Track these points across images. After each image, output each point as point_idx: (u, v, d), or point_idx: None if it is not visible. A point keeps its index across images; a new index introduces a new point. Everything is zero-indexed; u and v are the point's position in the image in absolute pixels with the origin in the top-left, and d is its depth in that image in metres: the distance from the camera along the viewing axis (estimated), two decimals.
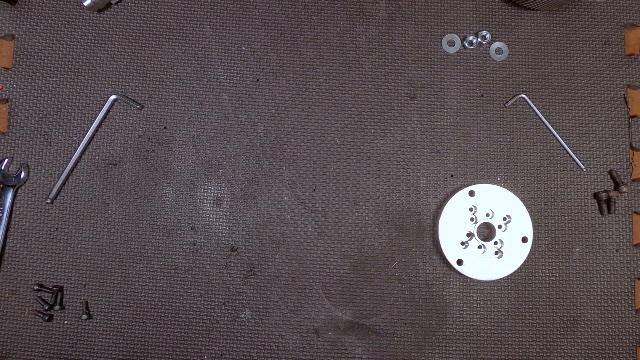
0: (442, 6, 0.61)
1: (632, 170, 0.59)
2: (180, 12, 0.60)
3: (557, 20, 0.61)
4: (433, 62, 0.60)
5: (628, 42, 0.61)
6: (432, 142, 0.59)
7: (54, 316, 0.56)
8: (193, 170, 0.58)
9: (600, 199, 0.58)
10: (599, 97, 0.60)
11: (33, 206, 0.57)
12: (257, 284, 0.57)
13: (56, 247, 0.57)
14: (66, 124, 0.58)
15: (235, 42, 0.60)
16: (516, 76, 0.60)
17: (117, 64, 0.59)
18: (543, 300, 0.58)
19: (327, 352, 0.56)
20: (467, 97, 0.60)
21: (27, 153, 0.58)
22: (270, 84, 0.59)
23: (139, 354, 0.56)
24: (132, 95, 0.59)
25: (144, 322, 0.57)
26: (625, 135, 0.60)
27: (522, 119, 0.60)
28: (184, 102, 0.59)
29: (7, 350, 0.56)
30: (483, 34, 0.60)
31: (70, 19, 0.59)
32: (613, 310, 0.58)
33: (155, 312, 0.57)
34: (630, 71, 0.60)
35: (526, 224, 0.57)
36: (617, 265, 0.58)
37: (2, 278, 0.57)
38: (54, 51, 0.59)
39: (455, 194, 0.57)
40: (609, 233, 0.59)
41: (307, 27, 0.60)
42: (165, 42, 0.59)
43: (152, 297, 0.57)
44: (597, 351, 0.57)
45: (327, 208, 0.58)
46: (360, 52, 0.60)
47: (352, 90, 0.60)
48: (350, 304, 0.57)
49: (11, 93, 0.58)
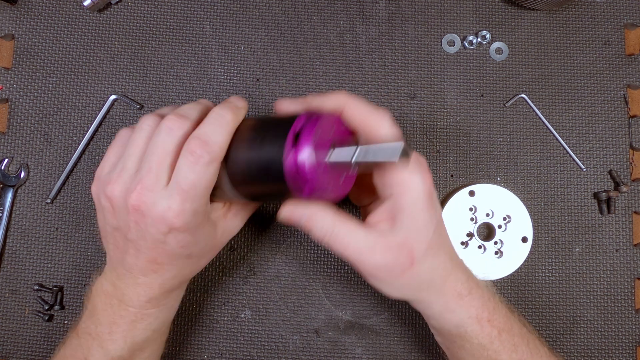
0: (442, 6, 0.61)
1: (632, 170, 0.59)
2: (180, 12, 0.60)
3: (557, 20, 0.61)
4: (433, 62, 0.60)
5: (628, 42, 0.61)
6: (432, 142, 0.59)
7: (54, 316, 0.56)
8: None
9: (600, 199, 0.58)
10: (599, 97, 0.60)
11: (33, 206, 0.57)
12: (257, 284, 0.57)
13: (56, 247, 0.57)
14: (66, 124, 0.58)
15: (235, 42, 0.60)
16: (516, 76, 0.60)
17: (117, 64, 0.59)
18: (543, 300, 0.58)
19: (327, 352, 0.57)
20: (467, 97, 0.60)
21: (27, 153, 0.58)
22: (270, 84, 0.59)
23: None
24: (132, 95, 0.59)
25: None
26: (625, 135, 0.60)
27: (522, 119, 0.60)
28: (184, 102, 0.59)
29: (7, 350, 0.56)
30: (483, 34, 0.60)
31: (70, 19, 0.59)
32: (613, 310, 0.58)
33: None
34: (630, 71, 0.60)
35: (526, 224, 0.57)
36: (617, 265, 0.58)
37: (2, 278, 0.57)
38: (54, 51, 0.59)
39: (455, 194, 0.57)
40: (609, 233, 0.59)
41: (307, 27, 0.60)
42: (165, 42, 0.59)
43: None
44: (597, 351, 0.57)
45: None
46: (360, 52, 0.60)
47: (352, 90, 0.60)
48: (350, 304, 0.57)
49: (11, 93, 0.58)
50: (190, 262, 0.43)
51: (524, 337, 0.45)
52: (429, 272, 0.39)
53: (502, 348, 0.43)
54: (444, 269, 0.40)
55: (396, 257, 0.37)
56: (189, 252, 0.41)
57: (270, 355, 0.56)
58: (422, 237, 0.37)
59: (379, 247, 0.37)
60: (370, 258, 0.37)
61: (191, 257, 0.42)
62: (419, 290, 0.40)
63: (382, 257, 0.37)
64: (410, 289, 0.40)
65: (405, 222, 0.37)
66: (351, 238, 0.37)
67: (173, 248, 0.40)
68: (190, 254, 0.42)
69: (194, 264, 0.44)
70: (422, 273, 0.39)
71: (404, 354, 0.57)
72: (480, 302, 0.43)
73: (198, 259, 0.44)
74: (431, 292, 0.41)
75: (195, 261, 0.43)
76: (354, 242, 0.37)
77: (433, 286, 0.40)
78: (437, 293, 0.41)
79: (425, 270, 0.39)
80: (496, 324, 0.43)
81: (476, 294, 0.43)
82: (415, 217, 0.37)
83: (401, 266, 0.37)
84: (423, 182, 0.37)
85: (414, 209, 0.37)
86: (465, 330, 0.42)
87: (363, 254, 0.37)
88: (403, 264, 0.37)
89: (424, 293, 0.40)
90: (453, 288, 0.41)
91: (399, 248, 0.37)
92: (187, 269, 0.44)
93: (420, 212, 0.37)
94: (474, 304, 0.42)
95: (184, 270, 0.43)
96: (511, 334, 0.44)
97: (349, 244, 0.37)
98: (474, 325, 0.42)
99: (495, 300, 0.45)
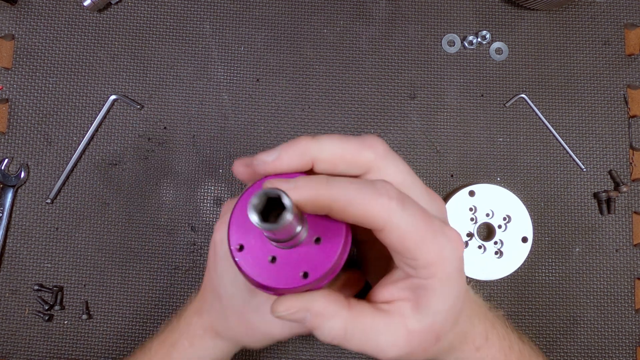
0: (442, 6, 0.61)
1: (632, 170, 0.59)
2: (180, 12, 0.60)
3: (557, 20, 0.61)
4: (433, 62, 0.60)
5: (628, 42, 0.61)
6: (432, 142, 0.59)
7: (54, 316, 0.56)
8: (193, 170, 0.58)
9: (600, 199, 0.58)
10: (599, 97, 0.60)
11: (33, 206, 0.57)
12: None
13: (56, 247, 0.57)
14: (66, 124, 0.58)
15: (235, 42, 0.60)
16: (516, 76, 0.60)
17: (117, 64, 0.59)
18: (543, 300, 0.58)
19: (327, 352, 0.56)
20: (467, 97, 0.60)
21: (27, 153, 0.58)
22: (270, 84, 0.59)
23: None
24: (132, 95, 0.59)
25: (144, 322, 0.57)
26: (625, 135, 0.60)
27: (522, 119, 0.60)
28: (184, 102, 0.59)
29: (7, 350, 0.56)
30: (483, 34, 0.60)
31: (70, 19, 0.59)
32: (613, 310, 0.58)
33: (155, 312, 0.57)
34: (630, 71, 0.60)
35: (526, 224, 0.57)
36: (617, 265, 0.58)
37: (2, 278, 0.57)
38: (54, 51, 0.59)
39: (455, 194, 0.57)
40: (609, 233, 0.59)
41: (307, 27, 0.60)
42: (165, 42, 0.59)
43: (152, 297, 0.57)
44: (597, 351, 0.57)
45: None
46: (360, 52, 0.60)
47: (352, 90, 0.60)
48: None
49: (11, 93, 0.58)
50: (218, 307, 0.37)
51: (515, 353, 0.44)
52: (450, 341, 0.35)
53: None
54: (464, 331, 0.36)
55: (420, 343, 0.31)
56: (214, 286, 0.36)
57: (270, 355, 0.56)
58: (450, 318, 0.32)
59: (402, 339, 0.31)
60: (392, 351, 0.31)
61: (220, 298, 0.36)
62: (438, 354, 0.35)
63: (406, 346, 0.31)
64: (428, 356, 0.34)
65: (433, 307, 0.30)
66: (370, 336, 0.30)
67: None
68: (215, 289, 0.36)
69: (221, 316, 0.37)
70: (445, 345, 0.34)
71: None
72: (495, 348, 0.40)
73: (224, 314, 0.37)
74: (450, 355, 0.36)
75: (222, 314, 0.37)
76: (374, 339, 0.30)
77: (452, 349, 0.36)
78: (455, 353, 0.37)
79: (447, 341, 0.34)
80: (490, 353, 0.41)
81: (492, 340, 0.39)
82: (445, 299, 0.30)
83: (424, 349, 0.32)
84: (457, 258, 0.30)
85: (443, 291, 0.30)
86: None
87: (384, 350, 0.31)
88: (427, 346, 0.32)
89: (442, 357, 0.36)
90: (472, 344, 0.37)
91: (425, 334, 0.31)
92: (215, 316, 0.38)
93: (451, 291, 0.30)
94: (490, 352, 0.40)
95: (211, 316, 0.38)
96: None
97: (368, 342, 0.30)
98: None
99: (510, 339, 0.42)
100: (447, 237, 0.29)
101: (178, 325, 0.42)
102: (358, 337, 0.30)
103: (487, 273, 0.57)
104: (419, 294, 0.30)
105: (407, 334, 0.30)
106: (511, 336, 0.42)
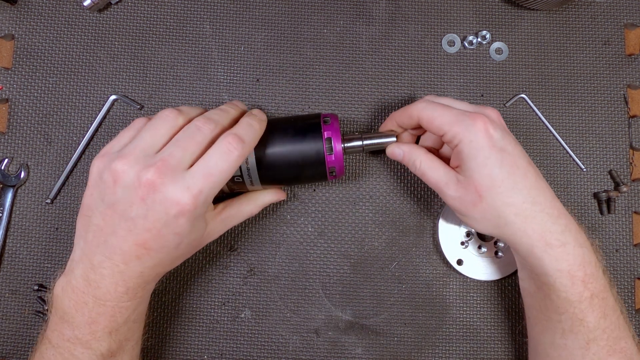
0: (442, 6, 0.61)
1: (632, 170, 0.59)
2: (180, 12, 0.60)
3: (557, 20, 0.61)
4: (433, 62, 0.60)
5: (628, 42, 0.61)
6: None
7: None
8: None
9: (600, 199, 0.58)
10: (599, 97, 0.60)
11: (33, 206, 0.57)
12: (257, 284, 0.57)
13: (56, 247, 0.57)
14: (66, 124, 0.58)
15: (235, 42, 0.60)
16: (516, 76, 0.60)
17: (117, 64, 0.59)
18: None
19: (327, 352, 0.57)
20: (467, 97, 0.60)
21: (27, 153, 0.58)
22: (270, 84, 0.59)
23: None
24: (132, 95, 0.59)
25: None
26: (625, 135, 0.60)
27: (522, 119, 0.60)
28: (184, 102, 0.59)
29: (7, 350, 0.56)
30: (483, 34, 0.60)
31: (70, 19, 0.59)
32: None
33: (155, 312, 0.57)
34: (630, 71, 0.60)
35: None
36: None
37: (2, 278, 0.57)
38: (54, 51, 0.59)
39: None
40: (609, 233, 0.59)
41: (307, 27, 0.60)
42: (165, 42, 0.60)
43: (152, 297, 0.57)
44: None
45: (327, 208, 0.58)
46: (360, 52, 0.60)
47: (352, 90, 0.60)
48: (350, 304, 0.57)
49: (11, 93, 0.58)
50: (174, 254, 0.44)
51: (616, 312, 0.46)
52: (500, 209, 0.44)
53: (591, 311, 0.44)
54: (521, 209, 0.44)
55: (465, 192, 0.45)
56: (179, 242, 0.43)
57: (270, 355, 0.56)
58: (484, 175, 0.44)
59: (452, 182, 0.46)
60: (447, 190, 0.46)
61: (178, 248, 0.44)
62: (497, 226, 0.45)
63: (455, 190, 0.46)
64: (490, 224, 0.45)
65: (467, 164, 0.45)
66: (434, 172, 0.47)
67: (168, 233, 0.41)
68: (179, 245, 0.43)
69: (174, 257, 0.45)
70: (493, 208, 0.44)
71: (404, 354, 0.57)
72: (576, 260, 0.44)
73: (181, 252, 0.45)
74: (514, 231, 0.44)
75: (178, 254, 0.45)
76: (436, 175, 0.47)
77: (512, 225, 0.44)
78: (520, 234, 0.44)
79: (495, 206, 0.44)
80: (590, 287, 0.44)
81: (572, 251, 0.44)
82: (474, 158, 0.44)
83: (472, 200, 0.45)
84: (476, 129, 0.44)
85: (471, 152, 0.44)
86: (553, 280, 0.44)
87: (442, 186, 0.47)
88: (473, 198, 0.45)
89: (506, 230, 0.45)
90: (539, 234, 0.44)
91: (466, 184, 0.45)
92: (168, 261, 0.45)
93: (478, 153, 0.44)
94: (566, 259, 0.44)
95: (164, 261, 0.44)
96: (604, 303, 0.45)
97: (432, 177, 0.48)
98: (564, 279, 0.44)
99: (598, 269, 0.45)
100: (470, 118, 0.44)
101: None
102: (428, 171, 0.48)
103: (487, 273, 0.57)
104: (460, 158, 0.45)
105: (456, 181, 0.46)
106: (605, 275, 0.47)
